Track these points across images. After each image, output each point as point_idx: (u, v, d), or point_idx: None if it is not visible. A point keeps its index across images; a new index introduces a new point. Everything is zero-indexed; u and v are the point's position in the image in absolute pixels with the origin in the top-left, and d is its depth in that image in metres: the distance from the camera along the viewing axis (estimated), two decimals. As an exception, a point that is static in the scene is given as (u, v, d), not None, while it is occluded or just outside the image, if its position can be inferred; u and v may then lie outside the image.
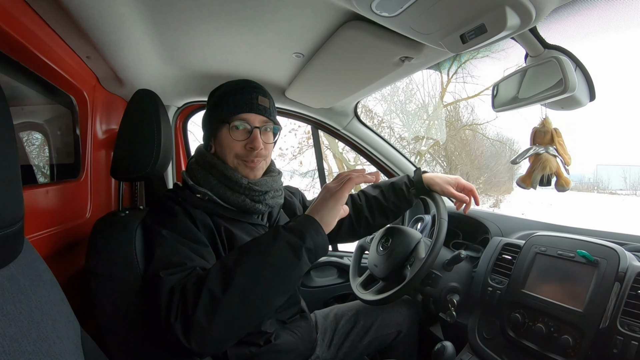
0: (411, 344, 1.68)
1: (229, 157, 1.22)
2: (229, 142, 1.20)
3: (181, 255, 1.01)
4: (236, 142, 1.20)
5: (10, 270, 0.58)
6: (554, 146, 1.30)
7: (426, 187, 1.54)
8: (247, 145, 1.20)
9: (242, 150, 1.21)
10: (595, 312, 1.09)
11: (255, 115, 1.20)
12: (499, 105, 1.37)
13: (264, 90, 1.26)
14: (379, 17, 0.95)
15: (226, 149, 1.21)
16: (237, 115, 1.19)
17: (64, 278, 1.18)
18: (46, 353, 0.57)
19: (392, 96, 9.28)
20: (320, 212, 1.02)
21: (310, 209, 1.05)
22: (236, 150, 1.21)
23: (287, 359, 1.25)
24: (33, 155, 1.38)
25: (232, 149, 1.21)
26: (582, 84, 1.18)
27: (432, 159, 9.93)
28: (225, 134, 1.21)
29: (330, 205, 1.03)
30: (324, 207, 1.03)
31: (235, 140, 1.20)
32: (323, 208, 1.03)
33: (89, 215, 1.43)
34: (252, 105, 1.19)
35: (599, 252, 1.18)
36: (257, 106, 1.20)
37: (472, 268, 1.55)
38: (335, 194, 1.03)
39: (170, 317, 0.87)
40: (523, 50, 1.24)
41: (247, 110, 1.19)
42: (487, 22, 0.90)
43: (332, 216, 1.03)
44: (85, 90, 1.42)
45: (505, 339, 1.29)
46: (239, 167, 1.22)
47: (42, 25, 1.07)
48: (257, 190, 1.21)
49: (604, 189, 12.92)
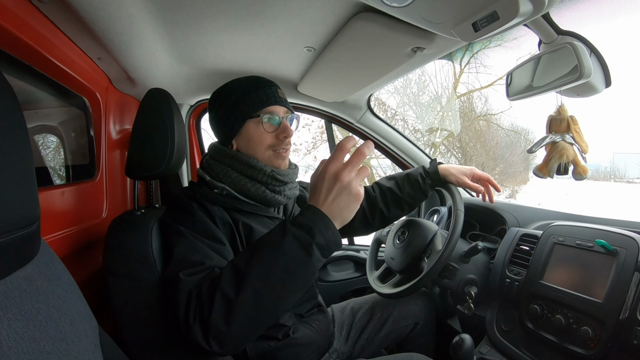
0: (428, 336, 1.67)
1: (260, 149, 1.24)
2: (260, 134, 1.23)
3: (201, 254, 1.02)
4: (268, 134, 1.23)
5: (27, 271, 0.59)
6: (571, 134, 1.28)
7: (441, 178, 1.53)
8: (279, 134, 1.24)
9: (274, 140, 1.24)
10: (615, 302, 1.07)
11: (279, 107, 1.25)
12: (514, 94, 1.35)
13: (277, 85, 1.29)
14: (389, 7, 0.94)
15: (257, 142, 1.23)
16: (265, 109, 1.22)
17: (82, 277, 1.19)
18: (65, 352, 0.58)
19: (404, 88, 9.23)
20: (331, 207, 0.91)
21: (314, 197, 0.93)
22: (268, 141, 1.23)
23: (306, 353, 1.25)
24: (49, 158, 1.40)
25: (264, 141, 1.23)
26: (597, 70, 1.16)
27: (447, 150, 9.87)
28: (254, 128, 1.23)
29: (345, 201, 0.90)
30: (337, 201, 0.90)
31: (266, 132, 1.23)
32: (335, 202, 0.90)
33: (105, 214, 1.44)
34: (275, 98, 1.24)
35: (617, 242, 1.16)
36: (279, 99, 1.25)
37: (490, 259, 1.53)
38: (350, 188, 0.89)
39: (189, 319, 0.88)
40: (536, 38, 1.22)
41: (273, 102, 1.23)
42: (499, 9, 0.88)
43: (349, 211, 0.92)
44: (98, 91, 1.43)
45: (524, 331, 1.28)
46: (271, 158, 1.25)
47: (53, 28, 1.08)
48: (279, 179, 1.23)
49: (621, 177, 12.71)
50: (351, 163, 0.90)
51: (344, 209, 0.91)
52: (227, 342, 0.88)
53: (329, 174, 0.90)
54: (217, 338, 0.87)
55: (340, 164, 0.90)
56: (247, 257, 0.92)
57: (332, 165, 0.90)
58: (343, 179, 0.89)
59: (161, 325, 1.05)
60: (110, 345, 0.79)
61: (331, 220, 0.90)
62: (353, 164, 0.90)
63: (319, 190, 0.92)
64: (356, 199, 0.91)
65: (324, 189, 0.91)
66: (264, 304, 0.88)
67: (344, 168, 0.89)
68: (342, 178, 0.89)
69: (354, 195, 0.90)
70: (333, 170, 0.90)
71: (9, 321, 0.51)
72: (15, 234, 0.52)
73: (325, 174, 0.90)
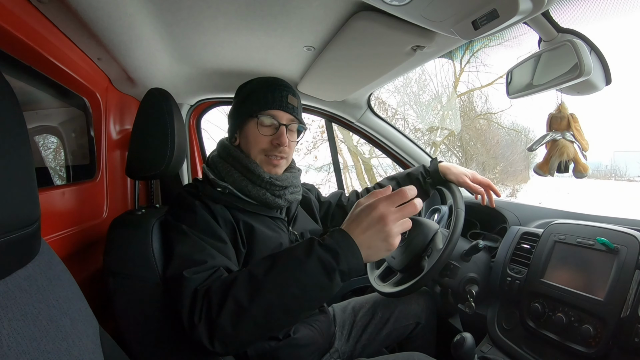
0: (430, 335, 1.67)
1: (254, 150, 1.24)
2: (256, 136, 1.22)
3: (204, 252, 1.01)
4: (263, 137, 1.22)
5: (28, 271, 0.59)
6: (571, 132, 1.28)
7: (442, 176, 1.53)
8: (273, 140, 1.23)
9: (268, 145, 1.23)
10: (616, 300, 1.07)
11: (283, 112, 1.23)
12: (514, 92, 1.35)
13: (294, 91, 1.28)
14: (389, 6, 0.94)
15: (252, 143, 1.23)
16: (267, 111, 1.21)
17: (83, 277, 1.20)
18: (65, 352, 0.58)
19: (405, 87, 9.22)
20: (364, 240, 0.88)
21: (352, 225, 0.91)
22: (262, 144, 1.23)
23: (306, 353, 1.25)
24: (49, 158, 1.40)
25: (258, 143, 1.23)
26: (597, 68, 1.16)
27: (448, 149, 9.85)
28: (252, 127, 1.23)
29: (378, 244, 0.88)
30: (371, 239, 0.88)
31: (262, 135, 1.22)
32: (369, 239, 0.88)
33: (105, 214, 1.44)
34: (281, 103, 1.22)
35: (618, 239, 1.16)
36: (286, 104, 1.23)
37: (491, 258, 1.53)
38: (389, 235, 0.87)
39: (194, 318, 0.88)
40: (536, 36, 1.22)
41: (276, 107, 1.22)
42: (499, 7, 0.88)
43: (376, 254, 0.90)
44: (98, 91, 1.43)
45: (525, 329, 1.28)
46: (262, 162, 1.24)
47: (53, 29, 1.08)
48: (277, 185, 1.23)
49: (622, 176, 12.68)
50: (402, 212, 0.89)
51: (373, 250, 0.90)
52: (231, 345, 0.88)
53: (377, 210, 0.88)
54: (222, 340, 0.87)
55: (393, 208, 0.88)
56: (267, 267, 0.91)
57: (385, 205, 0.88)
58: (388, 223, 0.87)
59: (162, 324, 1.05)
60: (111, 345, 0.79)
61: (359, 250, 0.88)
62: (403, 214, 0.89)
63: (359, 220, 0.90)
64: (387, 248, 0.89)
65: (364, 221, 0.89)
66: (274, 316, 0.88)
67: (393, 213, 0.88)
68: (388, 222, 0.87)
69: (388, 244, 0.88)
70: (383, 210, 0.88)
71: (9, 321, 0.51)
72: (16, 234, 0.52)
73: (374, 210, 0.89)
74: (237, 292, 0.87)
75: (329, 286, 0.88)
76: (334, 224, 1.59)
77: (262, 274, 0.89)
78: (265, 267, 0.91)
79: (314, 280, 0.87)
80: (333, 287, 0.88)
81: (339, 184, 2.56)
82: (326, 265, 0.86)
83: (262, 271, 0.90)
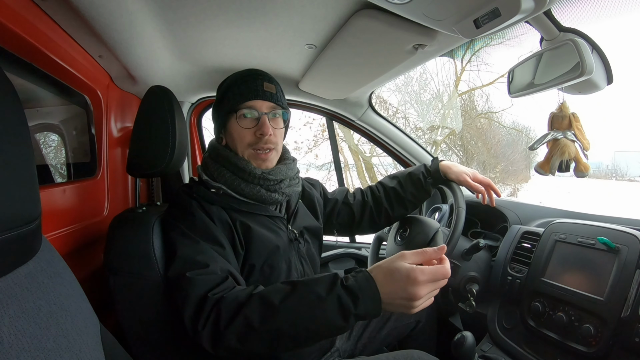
0: (430, 334, 1.67)
1: (240, 146, 1.21)
2: (239, 131, 1.19)
3: (205, 255, 1.01)
4: (245, 130, 1.19)
5: (28, 268, 0.59)
6: (572, 131, 1.28)
7: (443, 175, 1.53)
8: (256, 132, 1.19)
9: (253, 137, 1.20)
10: (616, 300, 1.07)
11: (262, 101, 1.20)
12: (515, 91, 1.35)
13: (270, 77, 1.25)
14: (390, 4, 0.94)
15: (236, 139, 1.21)
16: (244, 104, 1.18)
17: (83, 275, 1.20)
18: (66, 349, 0.58)
19: (406, 86, 9.19)
20: (388, 290, 0.87)
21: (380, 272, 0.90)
22: (247, 139, 1.20)
23: (308, 353, 1.25)
24: (50, 156, 1.40)
25: (243, 138, 1.20)
26: (599, 67, 1.15)
27: (448, 148, 9.84)
28: (234, 123, 1.20)
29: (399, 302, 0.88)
30: (395, 295, 0.87)
31: (244, 129, 1.19)
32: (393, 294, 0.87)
33: (106, 212, 1.45)
34: (257, 92, 1.19)
35: (619, 239, 1.16)
36: (262, 92, 1.19)
37: (491, 257, 1.53)
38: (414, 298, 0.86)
39: (198, 323, 0.89)
40: (537, 35, 1.22)
41: (253, 97, 1.18)
42: (501, 6, 0.88)
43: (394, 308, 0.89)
44: (99, 89, 1.43)
45: (526, 328, 1.28)
46: (250, 158, 1.21)
47: (54, 26, 1.08)
48: (271, 179, 1.20)
49: (622, 176, 12.66)
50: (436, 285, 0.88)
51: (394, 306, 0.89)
52: (233, 355, 0.90)
53: (415, 272, 0.85)
54: (225, 350, 0.89)
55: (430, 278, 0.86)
56: (285, 294, 0.90)
57: (423, 274, 0.86)
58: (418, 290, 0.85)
59: (162, 322, 1.06)
60: (112, 342, 0.79)
61: (381, 299, 0.87)
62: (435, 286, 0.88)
63: (393, 272, 0.88)
64: (407, 308, 0.88)
65: (397, 276, 0.87)
66: (282, 341, 0.88)
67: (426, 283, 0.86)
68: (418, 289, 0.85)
69: (408, 305, 0.87)
70: (420, 277, 0.85)
71: (10, 318, 0.51)
72: (17, 232, 0.52)
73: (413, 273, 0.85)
74: (250, 312, 0.88)
75: (344, 327, 0.88)
76: (339, 221, 1.59)
77: (278, 299, 0.89)
78: (284, 293, 0.90)
79: (329, 319, 0.87)
80: (347, 328, 0.89)
81: (339, 183, 2.56)
82: (344, 307, 0.86)
83: (280, 297, 0.89)
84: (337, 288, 0.87)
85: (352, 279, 0.89)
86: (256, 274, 1.15)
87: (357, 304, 0.86)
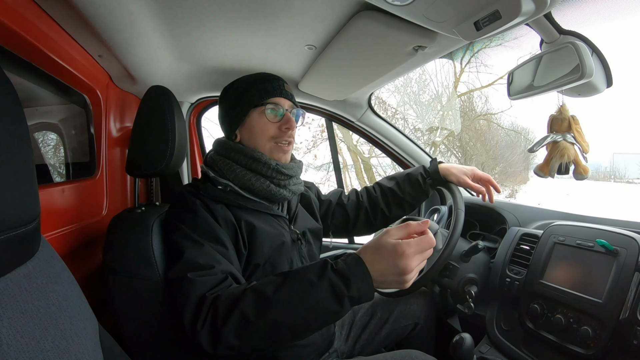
0: (429, 335, 1.67)
1: (262, 140, 1.24)
2: (263, 124, 1.23)
3: (208, 256, 1.01)
4: (270, 124, 1.24)
5: (27, 268, 0.59)
6: (572, 134, 1.28)
7: (442, 177, 1.52)
8: (281, 126, 1.25)
9: (277, 131, 1.25)
10: (615, 302, 1.07)
11: (285, 100, 1.27)
12: (515, 93, 1.35)
13: (285, 80, 1.30)
14: (391, 6, 0.94)
15: (259, 133, 1.24)
16: (270, 99, 1.23)
17: (82, 275, 1.19)
18: (65, 350, 0.58)
19: (405, 87, 9.20)
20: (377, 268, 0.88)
21: (368, 251, 0.91)
22: (270, 132, 1.24)
23: (306, 353, 1.25)
24: (49, 155, 1.40)
25: (267, 132, 1.24)
26: (599, 70, 1.16)
27: (447, 149, 9.84)
28: (257, 118, 1.24)
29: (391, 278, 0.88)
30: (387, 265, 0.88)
31: (269, 122, 1.24)
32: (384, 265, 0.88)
33: (105, 212, 1.44)
34: (281, 91, 1.26)
35: (618, 242, 1.16)
36: (285, 92, 1.27)
37: (490, 259, 1.53)
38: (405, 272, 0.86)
39: (197, 323, 0.89)
40: (537, 37, 1.22)
41: (278, 94, 1.25)
42: (501, 8, 0.88)
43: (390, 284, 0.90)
44: (99, 89, 1.43)
45: (524, 330, 1.28)
46: (272, 150, 1.25)
47: (54, 25, 1.08)
48: (284, 173, 1.23)
49: (621, 178, 12.67)
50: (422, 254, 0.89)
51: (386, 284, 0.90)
52: (232, 353, 0.90)
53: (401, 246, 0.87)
54: (224, 348, 0.88)
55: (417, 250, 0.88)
56: (277, 284, 0.91)
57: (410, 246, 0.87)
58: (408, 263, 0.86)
59: (161, 323, 1.05)
60: (110, 343, 0.79)
61: (372, 278, 0.88)
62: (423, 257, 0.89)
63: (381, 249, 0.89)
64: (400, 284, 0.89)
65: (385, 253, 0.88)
66: (280, 332, 0.88)
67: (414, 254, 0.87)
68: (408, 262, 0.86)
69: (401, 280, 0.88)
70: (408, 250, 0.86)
71: (8, 319, 0.51)
72: (15, 232, 0.52)
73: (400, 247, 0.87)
74: (245, 306, 0.88)
75: (339, 311, 0.88)
76: (334, 222, 1.59)
77: (271, 290, 0.89)
78: (276, 284, 0.91)
79: (323, 304, 0.87)
80: (342, 312, 0.89)
81: (338, 183, 2.56)
82: (336, 291, 0.87)
83: (272, 288, 0.90)
84: (328, 272, 0.88)
85: (341, 263, 0.90)
86: (259, 273, 1.15)
87: (349, 286, 0.87)
